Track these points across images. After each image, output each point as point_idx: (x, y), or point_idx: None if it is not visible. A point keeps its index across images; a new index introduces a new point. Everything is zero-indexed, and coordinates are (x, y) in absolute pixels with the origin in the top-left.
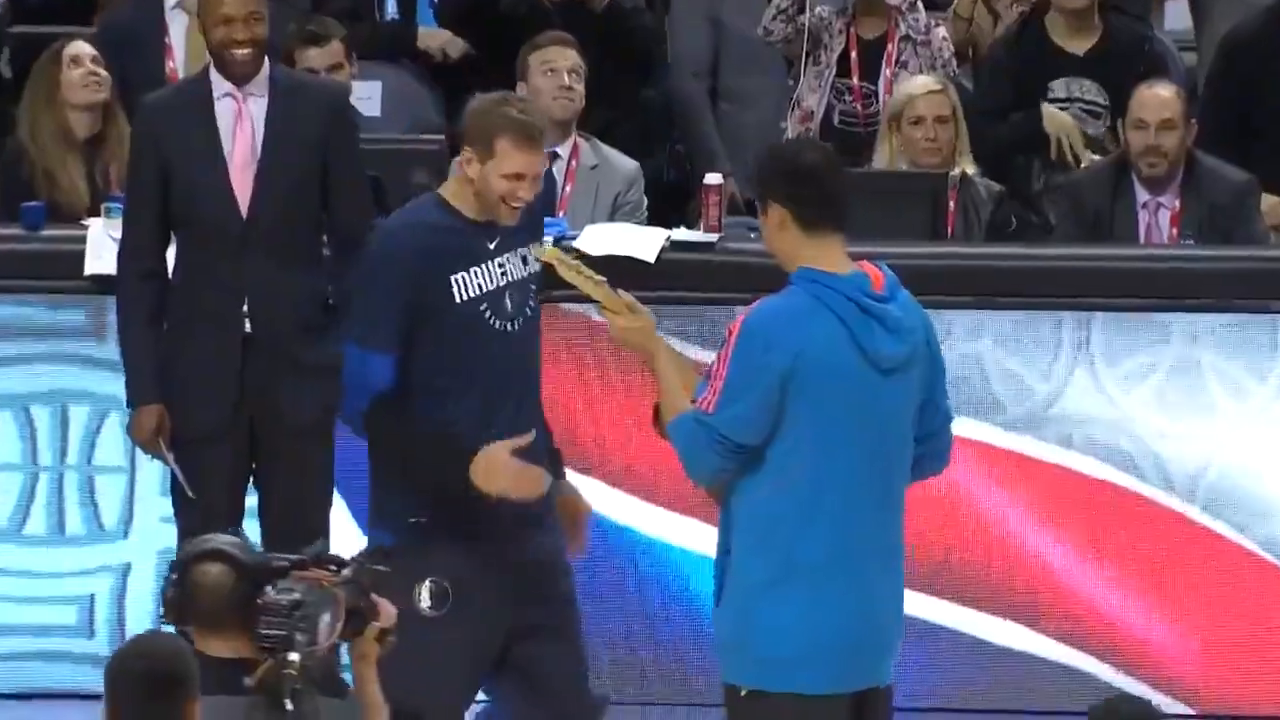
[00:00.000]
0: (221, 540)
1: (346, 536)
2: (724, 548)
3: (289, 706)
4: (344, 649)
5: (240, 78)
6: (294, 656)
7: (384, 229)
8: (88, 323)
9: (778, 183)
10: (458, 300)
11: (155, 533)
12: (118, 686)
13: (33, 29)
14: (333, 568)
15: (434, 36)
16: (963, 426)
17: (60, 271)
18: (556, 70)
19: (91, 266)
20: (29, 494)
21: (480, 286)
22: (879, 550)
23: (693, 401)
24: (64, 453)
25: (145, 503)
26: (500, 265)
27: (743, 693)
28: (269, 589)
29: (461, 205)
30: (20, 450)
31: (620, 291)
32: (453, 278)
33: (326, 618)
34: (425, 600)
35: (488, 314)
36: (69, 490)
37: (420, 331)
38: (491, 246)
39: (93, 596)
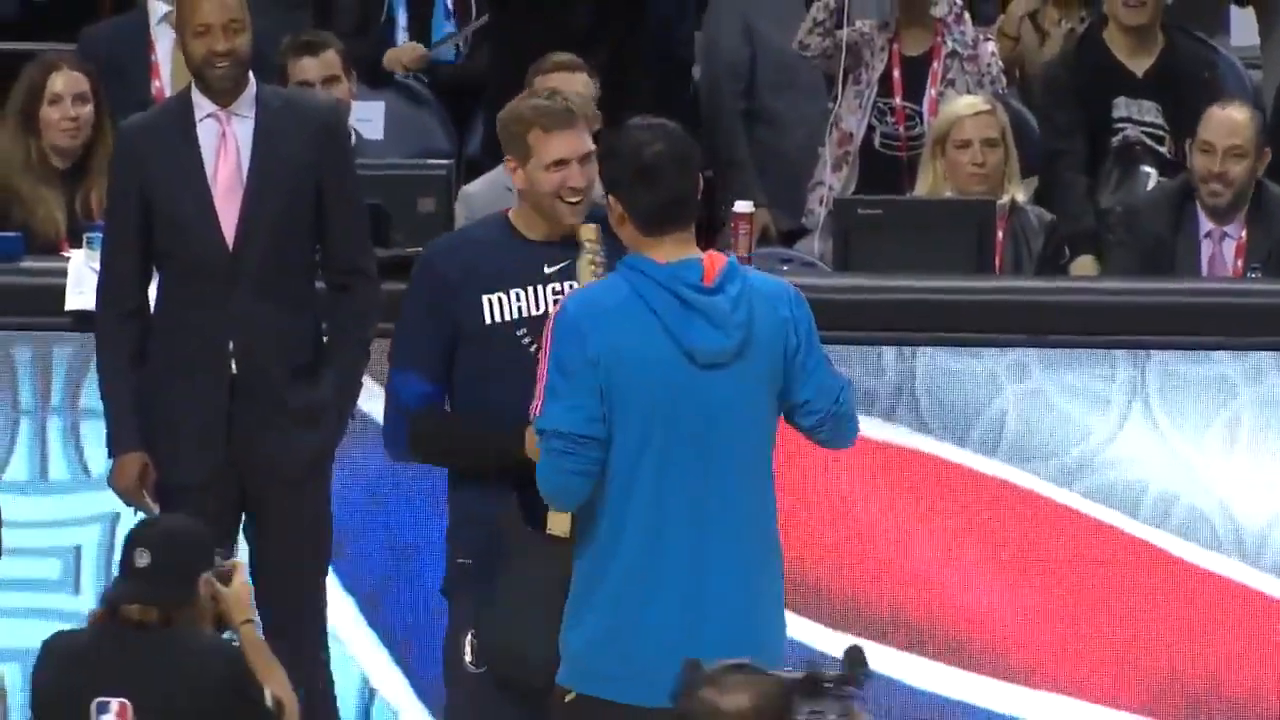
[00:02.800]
0: None
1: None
2: None
3: None
4: None
5: (222, 94)
6: None
7: (430, 241)
8: None
9: (618, 178)
10: (487, 322)
11: None
12: None
13: (12, 46)
14: None
15: (398, 55)
16: (1007, 473)
17: (39, 307)
18: None
19: (73, 302)
20: (9, 438)
21: (521, 310)
22: (708, 556)
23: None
24: (46, 394)
25: None
26: (556, 289)
27: (567, 697)
28: None
29: (521, 224)
30: None
31: None
32: (485, 298)
33: None
34: (468, 654)
35: (527, 339)
36: (51, 434)
37: (458, 352)
38: (549, 270)
39: (78, 549)
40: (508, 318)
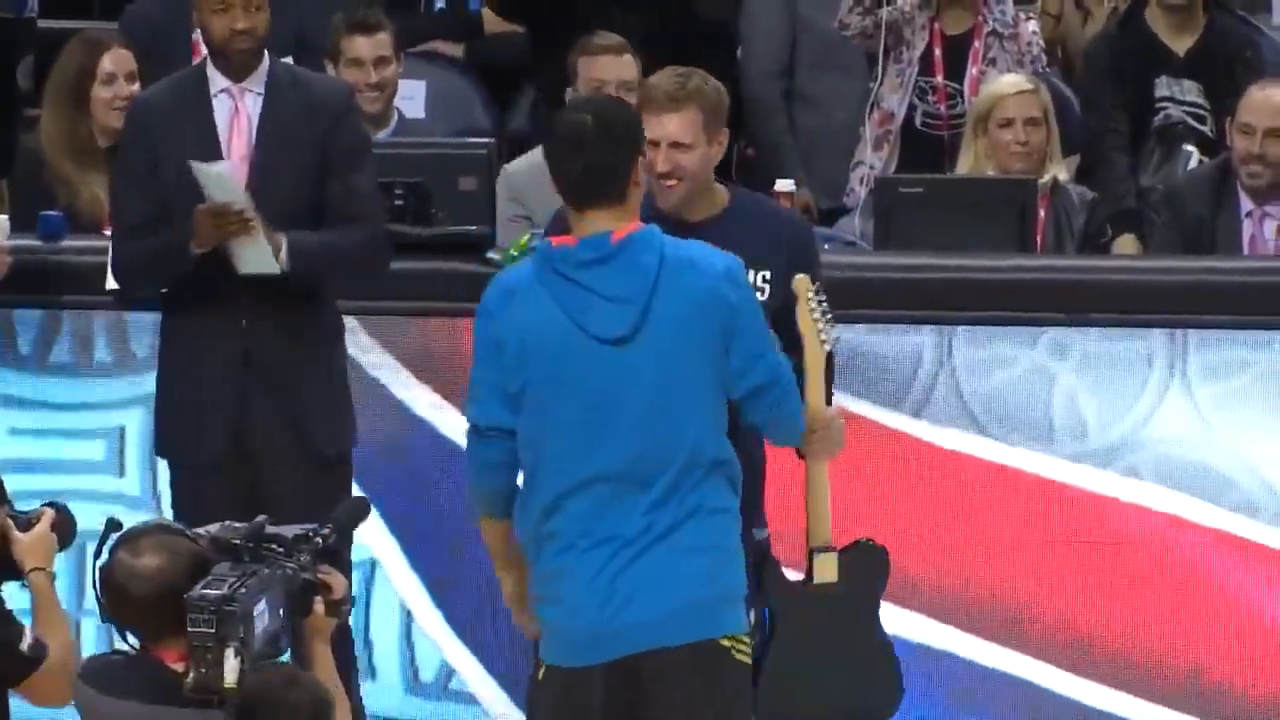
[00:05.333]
0: None
1: (394, 561)
2: None
3: None
4: None
5: (239, 71)
6: None
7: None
8: None
9: (548, 151)
10: None
11: None
12: None
13: (59, 24)
14: None
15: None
16: (1045, 454)
17: (81, 286)
18: (605, 85)
19: (114, 282)
20: (53, 321)
21: None
22: (621, 533)
23: None
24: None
25: None
26: None
27: (540, 672)
28: None
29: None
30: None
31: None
32: None
33: None
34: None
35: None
36: (96, 317)
37: None
38: None
39: (122, 430)
40: None
